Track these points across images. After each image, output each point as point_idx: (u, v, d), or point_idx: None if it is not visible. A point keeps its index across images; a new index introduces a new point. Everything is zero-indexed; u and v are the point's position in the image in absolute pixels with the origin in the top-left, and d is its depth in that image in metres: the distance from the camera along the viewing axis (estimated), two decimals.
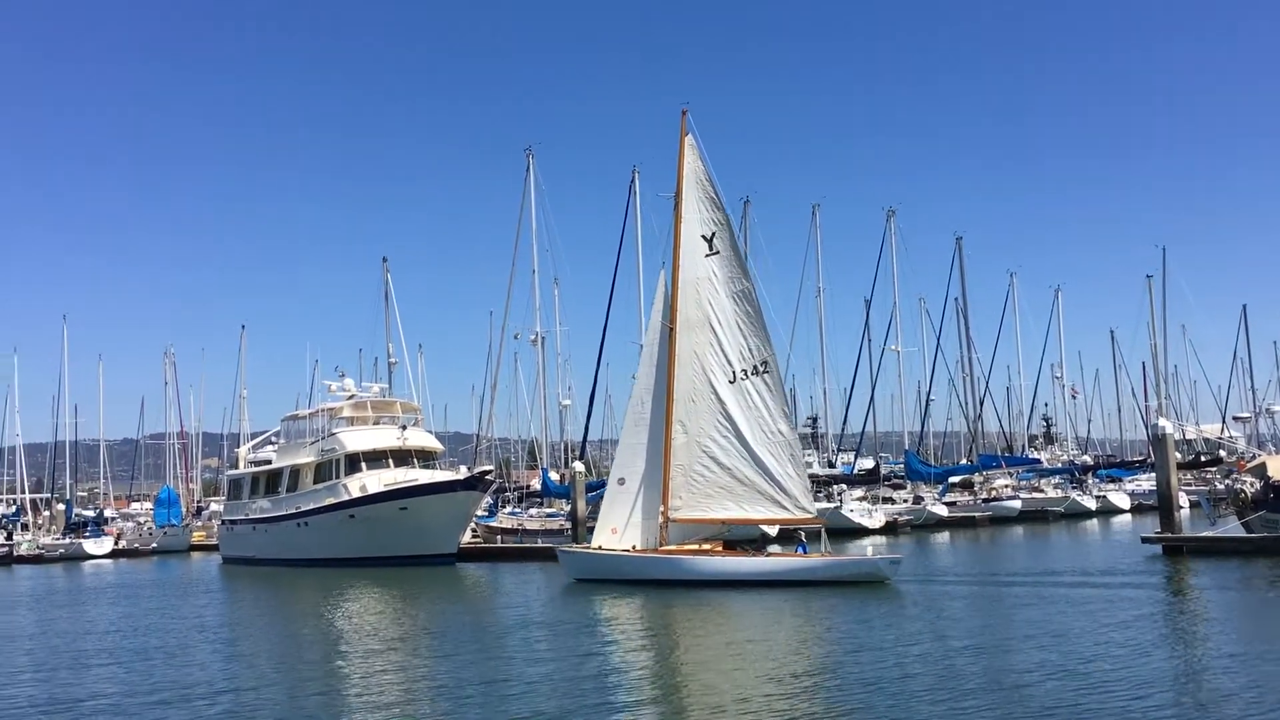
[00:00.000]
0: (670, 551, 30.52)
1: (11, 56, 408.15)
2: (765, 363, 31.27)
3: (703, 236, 32.07)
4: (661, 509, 31.23)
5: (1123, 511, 63.61)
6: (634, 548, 31.20)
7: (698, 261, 32.05)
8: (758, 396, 31.00)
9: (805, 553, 29.81)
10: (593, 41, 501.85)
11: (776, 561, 29.60)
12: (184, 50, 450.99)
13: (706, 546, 30.65)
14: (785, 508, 30.36)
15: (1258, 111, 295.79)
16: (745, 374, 31.18)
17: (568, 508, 47.08)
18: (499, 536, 48.95)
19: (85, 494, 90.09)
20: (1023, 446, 78.51)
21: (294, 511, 47.80)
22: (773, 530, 37.71)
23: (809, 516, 30.59)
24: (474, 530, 48.36)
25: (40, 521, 72.30)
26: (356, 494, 44.54)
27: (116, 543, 65.77)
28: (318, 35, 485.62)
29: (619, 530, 31.57)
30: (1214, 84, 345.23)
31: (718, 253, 31.95)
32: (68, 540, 65.13)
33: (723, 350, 31.43)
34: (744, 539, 32.84)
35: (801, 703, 13.74)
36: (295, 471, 49.88)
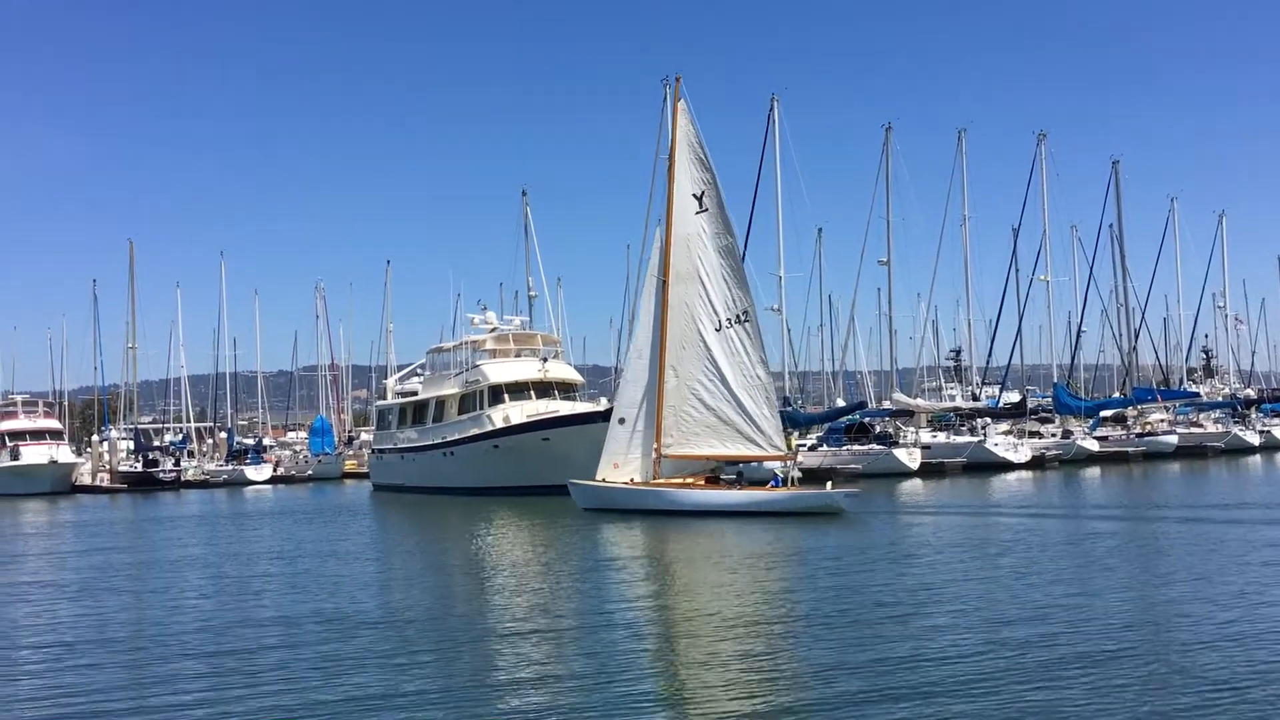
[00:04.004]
0: (661, 485, 33.38)
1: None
2: (746, 312, 33.68)
3: (693, 195, 34.18)
4: (655, 446, 33.96)
5: None
6: (631, 481, 33.95)
7: (688, 218, 34.16)
8: (739, 343, 33.38)
9: (778, 486, 32.16)
10: None
11: (750, 494, 32.03)
12: None
13: (690, 480, 33.66)
14: (760, 445, 33.07)
15: None
16: (729, 322, 33.54)
17: None
18: None
19: (245, 423, 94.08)
20: (1180, 379, 75.26)
21: (440, 441, 49.17)
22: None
23: (780, 453, 33.45)
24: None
25: (204, 449, 76.15)
26: (500, 425, 45.44)
27: (275, 469, 68.96)
28: None
29: (619, 465, 34.44)
30: None
31: (706, 210, 34.06)
32: (230, 467, 68.58)
33: (710, 300, 33.71)
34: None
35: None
36: (440, 402, 51.21)
